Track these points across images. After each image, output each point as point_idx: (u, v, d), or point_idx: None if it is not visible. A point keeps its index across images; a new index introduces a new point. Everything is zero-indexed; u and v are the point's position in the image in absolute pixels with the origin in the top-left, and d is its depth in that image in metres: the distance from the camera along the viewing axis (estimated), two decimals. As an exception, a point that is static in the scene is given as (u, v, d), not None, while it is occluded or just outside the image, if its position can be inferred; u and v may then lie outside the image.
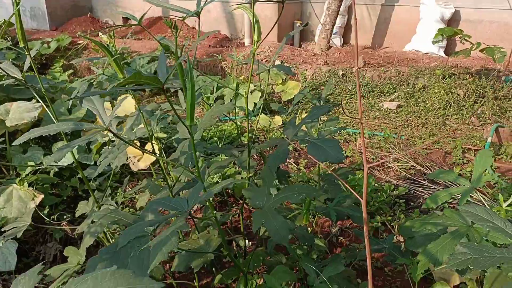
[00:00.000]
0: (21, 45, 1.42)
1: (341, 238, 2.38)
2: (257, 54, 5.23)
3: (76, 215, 1.84)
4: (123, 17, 7.63)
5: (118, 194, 2.60)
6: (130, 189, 2.78)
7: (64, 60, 5.65)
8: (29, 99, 2.94)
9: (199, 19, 1.15)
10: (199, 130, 1.33)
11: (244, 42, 6.23)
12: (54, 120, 1.57)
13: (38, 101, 2.65)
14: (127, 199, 2.66)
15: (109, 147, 1.65)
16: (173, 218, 1.17)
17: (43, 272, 2.13)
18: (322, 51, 5.52)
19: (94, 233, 1.44)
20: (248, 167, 1.57)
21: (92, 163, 2.58)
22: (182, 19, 1.19)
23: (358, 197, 0.84)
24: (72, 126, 1.09)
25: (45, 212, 2.23)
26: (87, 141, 1.05)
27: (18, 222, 1.77)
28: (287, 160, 3.26)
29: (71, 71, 5.42)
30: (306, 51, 5.61)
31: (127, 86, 0.82)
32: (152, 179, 2.10)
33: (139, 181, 2.84)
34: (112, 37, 1.46)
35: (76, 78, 5.17)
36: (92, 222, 1.51)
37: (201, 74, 1.63)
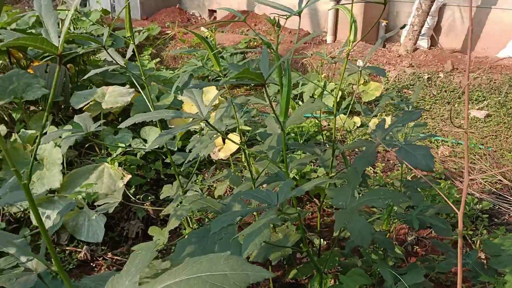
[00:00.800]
0: (128, 34, 1.52)
1: (417, 247, 2.31)
2: (340, 53, 5.16)
3: (161, 197, 1.94)
4: (209, 10, 7.86)
5: (197, 181, 2.70)
6: (207, 177, 2.88)
7: (152, 48, 5.94)
8: (123, 84, 3.13)
9: (299, 17, 1.17)
10: (287, 126, 1.35)
11: (326, 40, 6.17)
12: (151, 107, 1.67)
13: (131, 87, 2.81)
14: (204, 187, 2.76)
15: (198, 136, 1.72)
16: (253, 213, 1.21)
17: (127, 246, 2.27)
18: (407, 52, 5.33)
19: (180, 216, 1.52)
20: (331, 167, 1.57)
21: (176, 149, 2.69)
22: (286, 17, 1.21)
23: (455, 209, 0.81)
24: (173, 114, 1.16)
25: (131, 191, 2.38)
26: (186, 129, 1.11)
27: (110, 198, 1.90)
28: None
29: (158, 59, 5.67)
30: (390, 51, 5.45)
31: (229, 80, 0.86)
32: (232, 170, 2.16)
33: (217, 170, 2.93)
34: (213, 31, 1.51)
35: (163, 67, 5.42)
36: (178, 205, 1.59)
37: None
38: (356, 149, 3.26)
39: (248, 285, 0.53)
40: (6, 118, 2.76)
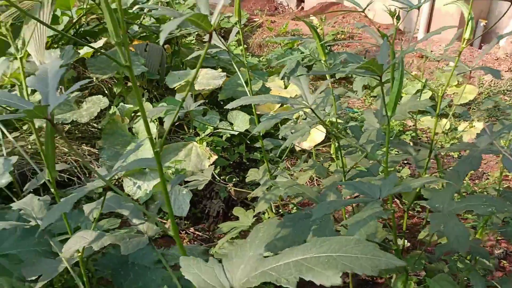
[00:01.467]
0: (236, 19, 1.56)
1: (504, 262, 2.18)
2: (432, 51, 4.94)
3: (247, 180, 1.99)
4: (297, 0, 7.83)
5: (277, 168, 2.74)
6: (285, 165, 2.90)
7: (238, 35, 6.03)
8: (213, 68, 3.23)
9: (418, 11, 1.14)
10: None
11: (416, 37, 5.92)
12: (248, 92, 1.71)
13: (223, 71, 2.89)
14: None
15: (291, 123, 1.74)
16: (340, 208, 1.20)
17: (207, 224, 2.36)
18: (507, 56, 4.99)
19: (269, 200, 1.55)
20: (426, 168, 1.53)
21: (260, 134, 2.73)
22: (362, 10, 1.19)
23: None
24: (279, 99, 1.18)
25: (216, 172, 2.46)
26: (290, 116, 1.13)
27: (199, 176, 1.98)
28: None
29: (244, 46, 5.76)
30: (487, 54, 5.12)
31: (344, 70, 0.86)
32: (318, 161, 2.16)
33: (298, 160, 2.94)
34: (323, 20, 1.52)
35: (248, 54, 5.50)
36: (267, 189, 1.62)
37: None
38: (452, 153, 3.13)
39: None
40: (106, 92, 2.95)
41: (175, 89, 2.89)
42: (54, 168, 1.00)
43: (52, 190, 1.01)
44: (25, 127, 2.37)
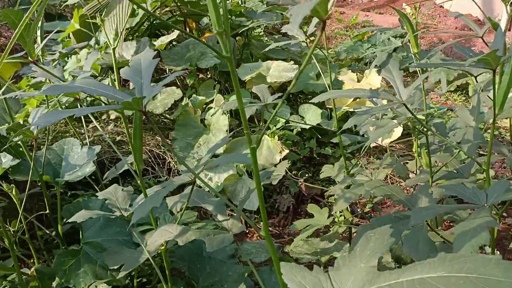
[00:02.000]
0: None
1: None
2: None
3: (321, 176, 1.93)
4: (367, -10, 7.57)
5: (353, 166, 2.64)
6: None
7: (307, 26, 5.93)
8: (283, 60, 3.17)
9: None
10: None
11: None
12: (328, 87, 1.64)
13: (295, 63, 2.83)
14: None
15: (372, 118, 1.65)
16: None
17: (277, 219, 2.32)
18: None
19: (349, 199, 1.48)
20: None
21: (333, 129, 2.66)
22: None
23: None
24: (369, 94, 1.11)
25: (287, 166, 2.41)
26: (383, 111, 1.06)
27: (276, 170, 1.94)
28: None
29: (312, 38, 5.66)
30: None
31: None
32: (397, 158, 2.05)
33: (370, 156, 2.83)
34: (417, 8, 1.42)
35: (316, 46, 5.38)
36: (347, 188, 1.55)
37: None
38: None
39: None
40: (178, 83, 2.99)
41: (246, 81, 2.87)
42: (141, 161, 1.00)
43: (138, 181, 1.00)
44: (103, 117, 2.45)
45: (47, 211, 1.37)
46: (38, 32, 1.32)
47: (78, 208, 1.34)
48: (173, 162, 2.35)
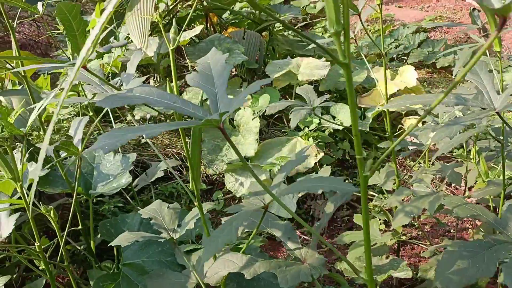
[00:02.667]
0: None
1: None
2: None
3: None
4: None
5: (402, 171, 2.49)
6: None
7: (326, 21, 5.76)
8: (310, 56, 3.02)
9: None
10: None
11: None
12: (378, 87, 1.49)
13: (327, 60, 2.68)
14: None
15: (431, 123, 1.51)
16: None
17: (312, 226, 2.18)
18: None
19: (410, 213, 1.34)
20: None
21: (367, 130, 2.51)
22: None
23: None
24: (455, 101, 0.96)
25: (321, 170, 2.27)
26: (477, 121, 0.91)
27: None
28: None
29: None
30: None
31: None
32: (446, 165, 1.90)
33: (406, 159, 2.68)
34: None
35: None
36: (404, 199, 1.41)
37: None
38: None
39: None
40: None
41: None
42: (199, 179, 0.86)
43: (195, 204, 0.87)
44: (128, 118, 2.32)
45: (80, 227, 1.24)
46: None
47: (115, 225, 1.21)
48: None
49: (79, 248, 1.34)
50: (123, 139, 0.53)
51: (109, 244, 0.97)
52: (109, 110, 1.65)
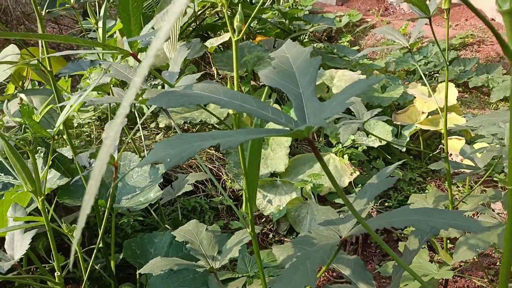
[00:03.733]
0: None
1: None
2: None
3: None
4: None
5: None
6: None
7: (351, 35, 5.64)
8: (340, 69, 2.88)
9: None
10: None
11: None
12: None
13: (362, 73, 2.53)
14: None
15: (496, 145, 1.34)
16: None
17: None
18: None
19: (475, 247, 1.17)
20: None
21: (403, 148, 2.35)
22: None
23: None
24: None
25: (356, 190, 2.11)
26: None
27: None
28: None
29: (356, 47, 5.35)
30: None
31: None
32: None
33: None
34: None
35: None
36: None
37: None
38: None
39: None
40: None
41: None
42: (254, 199, 0.71)
43: (249, 231, 0.71)
44: (152, 125, 2.19)
45: (100, 245, 1.10)
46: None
47: (141, 245, 1.06)
48: (229, 180, 2.07)
49: (96, 267, 1.20)
50: (191, 150, 0.39)
51: (138, 271, 0.82)
52: (136, 116, 1.51)
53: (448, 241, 1.61)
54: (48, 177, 1.20)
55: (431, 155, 2.49)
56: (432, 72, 4.36)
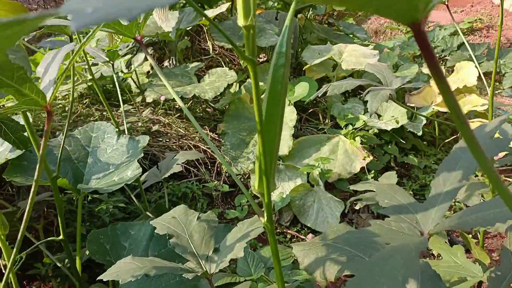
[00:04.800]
0: None
1: None
2: None
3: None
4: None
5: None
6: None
7: (353, 19, 5.38)
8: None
9: None
10: None
11: None
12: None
13: (374, 49, 2.28)
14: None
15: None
16: None
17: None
18: None
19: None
20: None
21: (420, 133, 2.10)
22: None
23: None
24: None
25: (369, 177, 1.87)
26: None
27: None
28: None
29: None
30: None
31: None
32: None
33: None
34: None
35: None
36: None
37: None
38: None
39: None
40: (223, 65, 2.45)
41: (304, 68, 2.33)
42: (274, 173, 0.46)
43: (263, 221, 0.46)
44: (138, 99, 1.93)
45: (62, 237, 0.84)
46: None
47: (113, 238, 0.81)
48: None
49: (59, 264, 0.95)
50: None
51: (99, 277, 0.57)
52: (118, 89, 1.26)
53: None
54: (1, 150, 0.95)
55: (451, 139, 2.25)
56: (442, 56, 4.11)
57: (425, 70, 2.45)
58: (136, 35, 0.54)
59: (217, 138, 1.95)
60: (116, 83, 1.30)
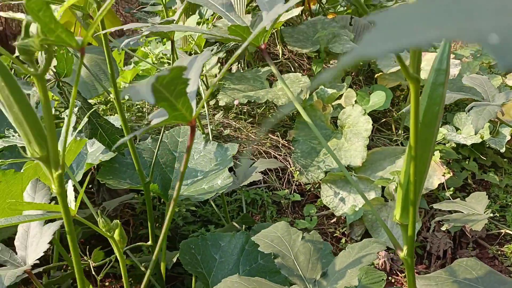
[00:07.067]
0: None
1: None
2: None
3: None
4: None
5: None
6: None
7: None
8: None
9: None
10: None
11: None
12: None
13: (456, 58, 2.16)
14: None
15: None
16: None
17: (433, 268, 1.69)
18: None
19: None
20: None
21: (502, 149, 1.97)
22: None
23: None
24: None
25: (447, 194, 1.76)
26: None
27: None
28: None
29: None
30: None
31: None
32: None
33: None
34: None
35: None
36: None
37: None
38: None
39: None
40: (293, 70, 2.42)
41: (376, 76, 2.25)
42: (418, 202, 0.41)
43: (401, 255, 0.42)
44: (212, 102, 1.93)
45: (150, 242, 0.84)
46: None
47: (204, 249, 0.79)
48: (296, 172, 1.78)
49: (143, 268, 0.94)
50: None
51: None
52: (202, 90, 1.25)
53: None
54: (91, 150, 0.96)
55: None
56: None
57: (509, 81, 2.29)
58: (261, 43, 0.51)
59: (286, 144, 1.91)
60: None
